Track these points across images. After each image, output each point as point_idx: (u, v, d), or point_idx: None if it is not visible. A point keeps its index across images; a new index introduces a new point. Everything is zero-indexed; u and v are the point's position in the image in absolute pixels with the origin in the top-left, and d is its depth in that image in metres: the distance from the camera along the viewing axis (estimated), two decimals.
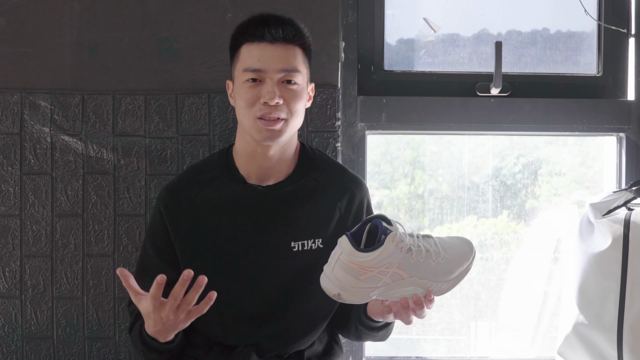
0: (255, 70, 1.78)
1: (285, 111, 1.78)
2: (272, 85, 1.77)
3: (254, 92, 1.78)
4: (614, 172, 2.31)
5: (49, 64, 2.12)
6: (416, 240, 1.64)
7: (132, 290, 1.63)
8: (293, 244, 1.82)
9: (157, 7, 2.13)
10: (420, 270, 1.63)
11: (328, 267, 1.62)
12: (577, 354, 2.00)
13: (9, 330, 2.12)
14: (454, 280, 1.68)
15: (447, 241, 1.69)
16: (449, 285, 1.67)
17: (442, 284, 1.66)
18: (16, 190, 2.12)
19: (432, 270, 1.64)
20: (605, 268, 1.95)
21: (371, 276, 1.59)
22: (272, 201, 1.84)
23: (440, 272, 1.65)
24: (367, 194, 1.94)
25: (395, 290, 1.63)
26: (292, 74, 1.78)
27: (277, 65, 1.77)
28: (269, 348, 1.83)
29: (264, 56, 1.77)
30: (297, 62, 1.79)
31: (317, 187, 1.87)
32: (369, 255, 1.57)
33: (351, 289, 1.60)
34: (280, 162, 1.86)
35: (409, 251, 1.61)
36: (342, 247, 1.59)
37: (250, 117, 1.78)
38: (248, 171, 1.87)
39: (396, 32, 2.31)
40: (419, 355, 2.37)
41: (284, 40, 1.78)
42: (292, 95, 1.79)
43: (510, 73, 2.29)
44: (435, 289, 1.66)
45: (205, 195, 1.85)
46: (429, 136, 2.39)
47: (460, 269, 1.67)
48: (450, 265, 1.66)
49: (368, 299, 1.63)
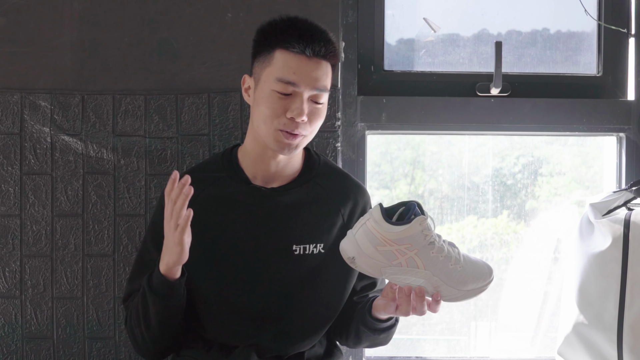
0: (289, 83, 1.74)
1: (307, 129, 1.77)
2: (301, 103, 1.74)
3: (282, 104, 1.75)
4: (614, 172, 2.31)
5: (49, 64, 2.12)
6: (441, 240, 1.68)
7: None
8: (295, 247, 1.81)
9: (157, 7, 2.13)
10: (436, 267, 1.65)
11: (351, 230, 1.67)
12: (577, 354, 2.00)
13: (9, 330, 2.12)
14: (465, 292, 1.69)
15: (469, 257, 1.72)
16: (459, 295, 1.69)
17: (453, 290, 1.68)
18: (16, 190, 2.12)
19: (448, 272, 1.66)
20: (605, 268, 1.95)
21: (389, 251, 1.63)
22: (276, 203, 1.84)
23: (455, 278, 1.67)
24: (370, 201, 1.95)
25: (406, 276, 1.66)
26: (322, 93, 1.77)
27: (311, 83, 1.75)
28: (269, 349, 1.82)
29: (300, 70, 1.74)
30: (327, 81, 1.78)
31: (321, 193, 1.87)
32: (394, 229, 1.61)
33: (366, 257, 1.64)
34: (286, 167, 1.86)
35: (432, 244, 1.65)
36: (372, 214, 1.63)
37: (272, 127, 1.76)
38: (254, 172, 1.86)
39: (396, 32, 2.31)
40: (419, 355, 2.37)
41: (323, 57, 1.76)
42: (317, 115, 1.78)
43: (510, 73, 2.29)
44: (445, 292, 1.68)
45: (208, 193, 1.85)
46: (429, 136, 2.39)
47: (474, 285, 1.69)
48: (465, 277, 1.67)
49: (379, 274, 1.66)
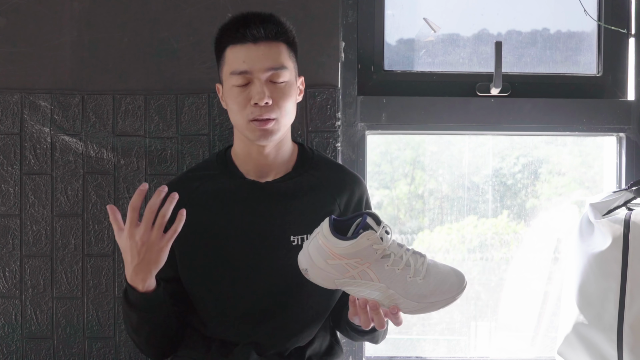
0: (242, 73, 1.78)
1: (275, 111, 1.79)
2: (260, 86, 1.77)
3: (243, 95, 1.79)
4: (614, 172, 2.31)
5: (49, 64, 2.12)
6: (402, 251, 1.63)
7: (117, 223, 1.66)
8: (292, 238, 1.82)
9: (157, 7, 2.13)
10: (392, 280, 1.62)
11: (306, 242, 1.66)
12: (577, 354, 2.00)
13: (9, 330, 2.12)
14: (427, 304, 1.64)
15: (439, 267, 1.66)
16: (421, 307, 1.64)
17: (411, 302, 1.64)
18: (16, 190, 2.12)
19: (405, 285, 1.62)
20: (605, 268, 1.95)
21: (339, 264, 1.61)
22: (272, 195, 1.85)
23: (413, 291, 1.63)
24: (366, 192, 1.95)
25: (360, 288, 1.63)
26: (279, 71, 1.79)
27: (263, 65, 1.78)
28: (268, 345, 1.83)
29: (249, 57, 1.78)
30: (282, 59, 1.80)
31: (316, 183, 1.88)
32: (341, 244, 1.60)
33: (318, 269, 1.63)
34: (277, 161, 1.87)
35: (387, 257, 1.62)
36: (322, 227, 1.62)
37: (243, 120, 1.80)
38: (247, 169, 1.88)
39: (396, 32, 2.31)
40: (419, 355, 2.37)
41: (267, 39, 1.79)
42: (280, 94, 1.79)
43: (510, 73, 2.29)
44: (403, 305, 1.64)
45: (204, 189, 1.86)
46: (429, 136, 2.39)
47: (437, 297, 1.64)
48: (426, 289, 1.63)
49: (332, 285, 1.65)
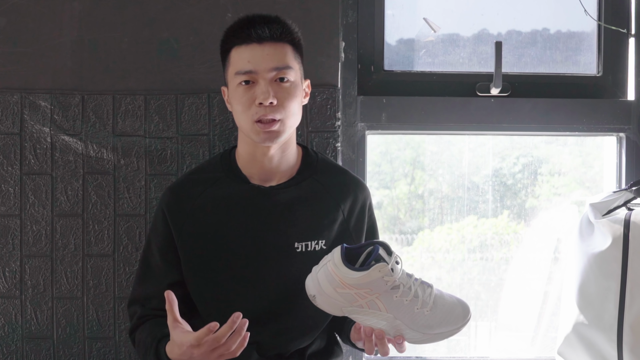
0: (247, 72, 1.78)
1: (280, 111, 1.78)
2: (265, 85, 1.77)
3: (248, 95, 1.78)
4: (614, 172, 2.31)
5: (49, 64, 2.12)
6: (410, 282, 1.64)
7: (172, 316, 1.62)
8: (297, 245, 1.82)
9: (157, 7, 2.13)
10: (399, 311, 1.63)
11: (316, 267, 1.65)
12: (577, 354, 2.00)
13: (9, 330, 2.12)
14: (432, 335, 1.65)
15: (444, 298, 1.67)
16: (425, 338, 1.65)
17: (417, 333, 1.65)
18: (16, 190, 2.12)
19: (412, 316, 1.63)
20: (605, 268, 1.95)
21: (349, 294, 1.61)
22: (276, 201, 1.84)
23: (420, 322, 1.64)
24: (369, 197, 1.95)
25: (367, 317, 1.64)
26: (284, 71, 1.79)
27: (268, 65, 1.77)
28: (270, 347, 1.83)
29: (254, 57, 1.78)
30: (287, 59, 1.80)
31: (320, 189, 1.87)
32: (352, 274, 1.60)
33: (327, 297, 1.63)
34: (281, 163, 1.86)
35: (396, 288, 1.62)
36: (333, 255, 1.62)
37: (248, 121, 1.79)
38: (250, 172, 1.87)
39: (396, 32, 2.31)
40: (419, 355, 2.36)
41: (272, 39, 1.79)
42: (285, 94, 1.79)
43: (510, 73, 2.29)
44: (409, 335, 1.65)
45: (208, 195, 1.86)
46: (429, 136, 2.39)
47: (442, 328, 1.65)
48: (432, 321, 1.64)
49: (340, 313, 1.65)
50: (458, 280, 2.43)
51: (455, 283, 2.43)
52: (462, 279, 2.42)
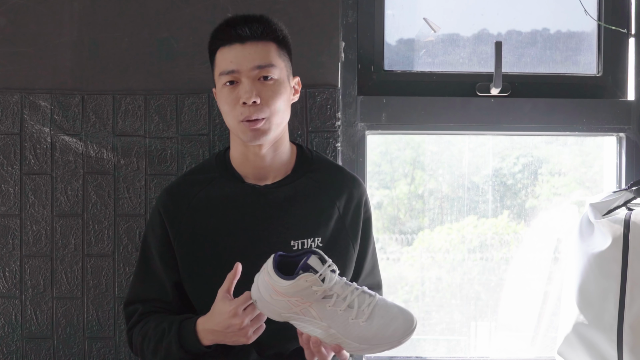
0: (230, 72, 1.79)
1: (264, 110, 1.78)
2: (248, 84, 1.77)
3: (233, 95, 1.79)
4: (614, 172, 2.31)
5: (49, 64, 2.12)
6: (347, 291, 1.62)
7: (227, 286, 1.67)
8: (293, 243, 1.82)
9: (157, 7, 2.13)
10: (334, 321, 1.62)
11: (258, 273, 1.66)
12: (577, 354, 2.00)
13: (9, 330, 2.12)
14: (369, 347, 1.62)
15: (387, 308, 1.63)
16: (362, 349, 1.62)
17: (353, 343, 1.62)
18: (16, 190, 2.12)
19: (347, 326, 1.61)
20: (605, 268, 1.95)
21: (282, 301, 1.62)
22: (271, 200, 1.84)
23: (355, 333, 1.61)
24: (365, 193, 1.94)
25: (304, 324, 1.64)
26: (267, 69, 1.79)
27: (249, 64, 1.78)
28: (269, 346, 1.83)
29: (236, 57, 1.78)
30: (270, 57, 1.80)
31: (315, 187, 1.88)
32: (281, 282, 1.60)
33: (266, 302, 1.64)
34: (275, 162, 1.86)
35: (328, 298, 1.61)
36: (268, 263, 1.63)
37: (234, 120, 1.80)
38: (245, 172, 1.87)
39: (396, 32, 2.31)
40: (419, 355, 2.37)
41: (253, 38, 1.79)
42: (269, 93, 1.79)
43: (510, 73, 2.29)
44: (345, 345, 1.63)
45: (203, 195, 1.86)
46: (429, 136, 2.39)
47: (379, 340, 1.61)
48: (368, 332, 1.61)
49: (279, 318, 1.65)
50: (458, 280, 2.43)
51: (455, 283, 2.43)
52: (462, 279, 2.42)
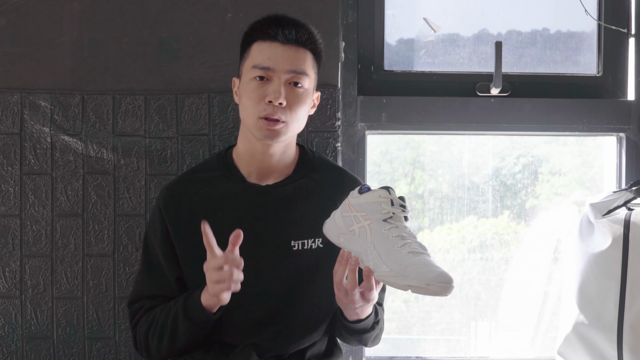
0: (264, 68, 1.79)
1: (287, 114, 1.79)
2: (278, 85, 1.78)
3: (260, 91, 1.79)
4: (614, 172, 2.31)
5: (49, 64, 2.12)
6: (406, 231, 1.66)
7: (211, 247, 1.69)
8: (293, 243, 1.82)
9: (157, 7, 2.13)
10: (381, 242, 1.64)
11: None
12: (577, 354, 2.00)
13: (9, 330, 2.12)
14: (397, 274, 1.59)
15: (432, 262, 1.61)
16: (390, 274, 1.60)
17: (385, 267, 1.61)
18: (16, 190, 2.12)
19: (389, 250, 1.63)
20: (605, 268, 1.95)
21: (349, 217, 1.69)
22: (272, 199, 1.84)
23: (393, 257, 1.61)
24: None
25: (353, 245, 1.67)
26: (300, 76, 1.80)
27: (286, 66, 1.78)
28: (269, 348, 1.83)
29: (274, 55, 1.79)
30: (306, 66, 1.81)
31: (316, 188, 1.88)
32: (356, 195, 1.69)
33: (333, 222, 1.72)
34: (280, 162, 1.87)
35: (387, 222, 1.66)
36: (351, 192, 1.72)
37: (254, 116, 1.79)
38: (248, 170, 1.87)
39: (396, 32, 2.31)
40: (419, 355, 2.37)
41: (296, 43, 1.80)
42: (296, 99, 1.79)
43: (510, 73, 2.29)
44: (377, 268, 1.62)
45: (204, 193, 1.86)
46: (429, 136, 2.39)
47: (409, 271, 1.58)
48: (405, 260, 1.60)
49: (337, 240, 1.70)
50: (458, 280, 2.42)
51: (456, 283, 2.42)
52: (462, 279, 2.42)
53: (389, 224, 1.65)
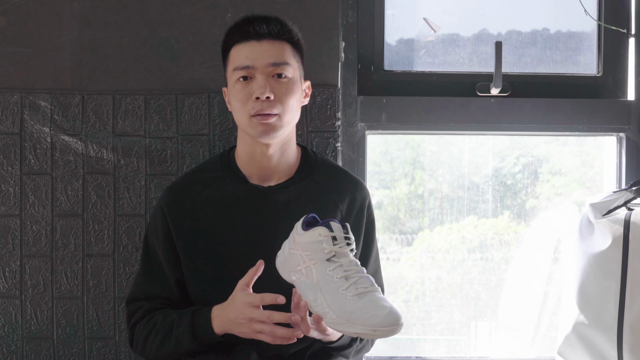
0: (245, 68, 1.80)
1: (277, 106, 1.79)
2: (262, 80, 1.79)
3: (246, 90, 1.80)
4: (614, 172, 2.31)
5: (49, 64, 2.12)
6: (350, 266, 1.63)
7: (247, 280, 1.70)
8: None
9: (157, 7, 2.13)
10: (326, 285, 1.63)
11: None
12: (577, 354, 2.00)
13: (9, 330, 2.12)
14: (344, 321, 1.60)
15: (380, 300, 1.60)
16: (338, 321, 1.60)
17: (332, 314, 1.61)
18: (16, 190, 2.12)
19: (335, 295, 1.61)
20: (605, 268, 1.95)
21: (296, 255, 1.66)
22: (274, 201, 1.84)
23: (338, 303, 1.61)
24: (368, 196, 1.94)
25: (303, 287, 1.66)
26: (282, 67, 1.80)
27: (265, 60, 1.80)
28: (269, 347, 1.82)
29: (252, 53, 1.80)
30: (285, 56, 1.82)
31: (318, 189, 1.88)
32: (299, 231, 1.67)
33: (284, 257, 1.70)
34: (280, 163, 1.86)
35: (331, 262, 1.63)
36: (300, 221, 1.70)
37: (245, 116, 1.80)
38: (250, 172, 1.87)
39: (396, 32, 2.31)
40: (419, 355, 2.37)
41: (270, 36, 1.81)
42: (283, 90, 1.80)
43: (510, 73, 2.29)
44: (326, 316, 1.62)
45: (207, 194, 1.86)
46: (429, 136, 2.39)
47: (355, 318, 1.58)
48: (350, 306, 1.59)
49: (288, 277, 1.69)
50: (458, 280, 2.43)
51: (456, 283, 2.43)
52: (462, 279, 2.42)
53: (332, 262, 1.64)
